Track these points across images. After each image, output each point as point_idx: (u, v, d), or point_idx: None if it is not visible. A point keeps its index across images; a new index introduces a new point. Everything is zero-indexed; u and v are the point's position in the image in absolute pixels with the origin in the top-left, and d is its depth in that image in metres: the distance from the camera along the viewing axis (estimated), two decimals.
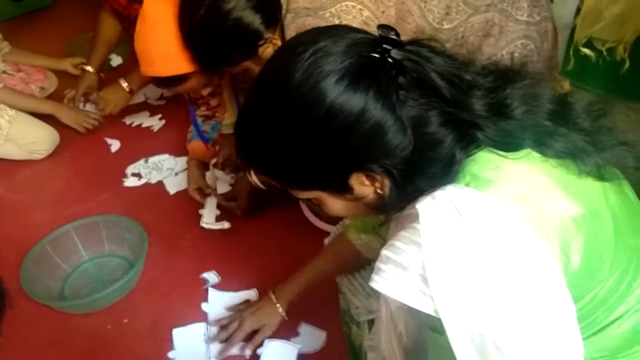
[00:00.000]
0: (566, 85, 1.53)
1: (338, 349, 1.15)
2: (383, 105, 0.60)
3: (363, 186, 0.66)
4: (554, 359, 0.57)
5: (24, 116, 1.78)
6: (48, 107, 1.85)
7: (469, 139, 0.64)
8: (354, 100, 0.60)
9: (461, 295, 0.57)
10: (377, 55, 0.61)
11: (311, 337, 1.20)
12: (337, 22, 1.08)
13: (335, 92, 0.60)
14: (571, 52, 1.54)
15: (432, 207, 0.60)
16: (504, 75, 0.69)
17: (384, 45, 0.61)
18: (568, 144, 0.65)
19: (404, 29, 1.12)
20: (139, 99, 2.10)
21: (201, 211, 1.48)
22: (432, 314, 0.58)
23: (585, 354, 0.66)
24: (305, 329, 1.21)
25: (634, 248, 0.66)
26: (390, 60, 0.61)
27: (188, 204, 1.55)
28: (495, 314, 0.56)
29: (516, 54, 1.12)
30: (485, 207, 0.58)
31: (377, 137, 0.61)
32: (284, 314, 1.13)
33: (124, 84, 1.82)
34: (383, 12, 1.12)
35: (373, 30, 0.66)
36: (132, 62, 1.80)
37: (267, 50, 1.15)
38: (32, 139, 1.77)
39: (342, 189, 0.67)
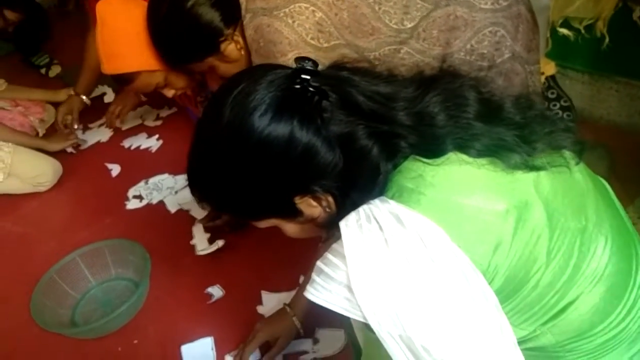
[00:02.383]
0: (552, 68, 1.53)
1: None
2: (308, 129, 0.65)
3: (311, 208, 0.71)
4: (483, 356, 0.60)
5: (24, 149, 1.83)
6: (37, 143, 1.91)
7: (393, 149, 0.67)
8: (281, 129, 0.65)
9: (384, 304, 0.61)
10: (297, 87, 0.65)
11: (331, 339, 1.21)
12: (290, 21, 1.13)
13: (262, 125, 0.65)
14: (548, 34, 1.54)
15: (353, 221, 0.64)
16: (427, 83, 0.71)
17: (302, 76, 0.66)
18: (491, 141, 0.67)
19: (361, 32, 1.14)
20: (135, 121, 2.16)
21: (192, 242, 1.51)
22: (362, 320, 0.63)
23: (552, 337, 0.69)
24: (322, 333, 1.22)
25: (576, 230, 0.68)
26: (310, 89, 0.65)
27: (189, 220, 1.58)
28: (418, 319, 0.60)
29: (485, 43, 1.11)
30: (404, 220, 0.61)
31: (309, 159, 0.66)
32: (299, 325, 1.14)
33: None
34: (336, 15, 1.14)
35: (327, 28, 0.69)
36: None
37: (229, 47, 1.22)
38: (35, 172, 1.81)
39: (293, 213, 0.71)
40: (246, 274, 1.40)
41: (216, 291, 1.36)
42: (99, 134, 2.11)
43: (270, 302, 1.31)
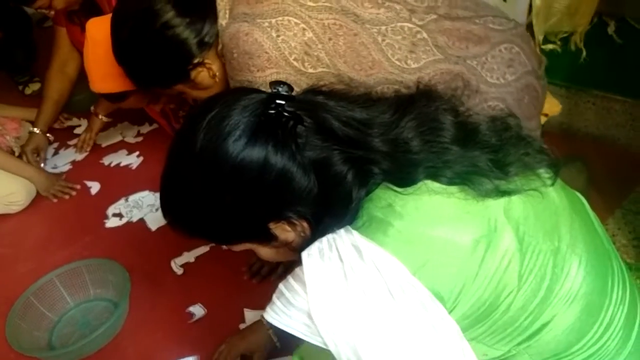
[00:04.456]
0: (557, 106, 1.53)
1: None
2: (283, 154, 0.64)
3: (286, 232, 0.70)
4: None
5: None
6: (27, 172, 1.81)
7: (366, 175, 0.67)
8: (255, 154, 0.64)
9: (342, 333, 0.62)
10: (272, 112, 0.65)
11: None
12: (274, 34, 1.00)
13: (236, 150, 0.64)
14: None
15: (316, 250, 0.65)
16: (402, 108, 0.72)
17: (277, 101, 0.65)
18: (464, 168, 0.68)
19: (359, 64, 1.01)
20: (115, 138, 2.13)
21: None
22: (320, 344, 0.64)
23: (528, 358, 0.71)
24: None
25: (548, 252, 0.68)
26: (285, 114, 0.65)
27: (170, 238, 1.55)
28: (376, 350, 0.61)
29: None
30: (364, 254, 0.62)
31: (284, 184, 0.65)
32: (275, 339, 1.13)
33: (92, 109, 1.94)
34: (330, 40, 1.01)
35: (316, 52, 0.66)
36: None
37: (200, 75, 1.10)
38: (6, 191, 1.75)
39: (268, 238, 0.71)
40: (228, 291, 1.38)
41: (197, 310, 1.34)
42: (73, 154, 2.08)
43: (253, 319, 1.29)
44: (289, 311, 0.66)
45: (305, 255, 0.65)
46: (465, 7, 1.06)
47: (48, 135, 1.98)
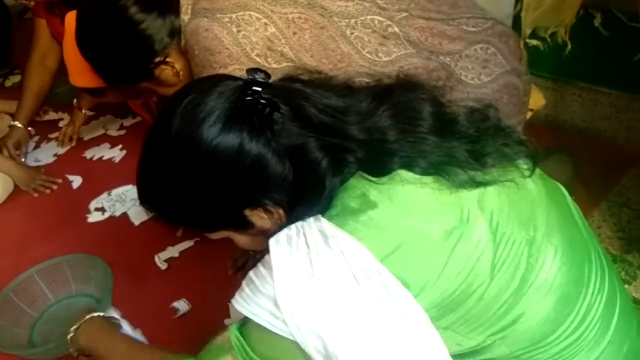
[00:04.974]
0: (541, 100, 1.53)
1: None
2: (258, 141, 0.64)
3: (263, 220, 0.70)
4: None
5: None
6: (5, 166, 1.77)
7: (341, 163, 0.67)
8: (230, 140, 0.64)
9: (308, 321, 0.61)
10: (249, 99, 0.65)
11: None
12: (235, 30, 0.99)
13: (211, 135, 0.64)
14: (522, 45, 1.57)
15: (284, 237, 0.65)
16: (381, 97, 0.71)
17: (254, 88, 0.65)
18: (440, 158, 0.67)
19: (327, 58, 1.00)
20: (98, 131, 2.10)
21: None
22: (287, 335, 0.63)
23: (505, 348, 0.70)
24: None
25: (523, 242, 0.68)
26: (262, 101, 0.65)
27: (154, 233, 1.53)
28: (342, 337, 0.60)
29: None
30: (331, 241, 0.62)
31: (259, 171, 0.65)
32: None
33: (74, 103, 1.91)
34: (295, 34, 1.00)
35: (279, 47, 0.65)
36: None
37: (164, 72, 1.09)
38: None
39: (245, 225, 0.71)
40: (213, 286, 1.36)
41: (182, 305, 1.32)
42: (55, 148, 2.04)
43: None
44: (257, 299, 0.65)
45: (273, 242, 0.65)
46: (439, 12, 1.05)
47: (30, 129, 1.94)
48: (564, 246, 0.71)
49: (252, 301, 0.66)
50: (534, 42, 1.63)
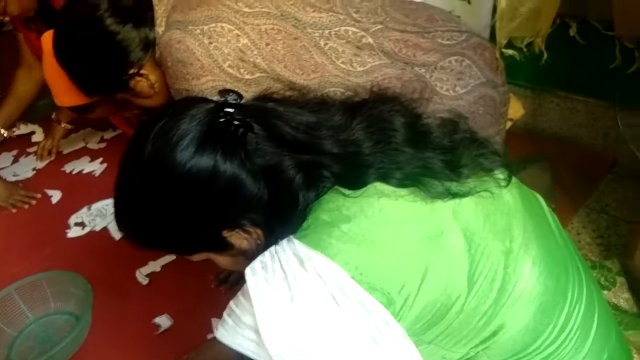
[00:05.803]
0: (520, 110, 1.55)
1: None
2: (232, 162, 0.64)
3: (242, 240, 0.70)
4: None
5: None
6: None
7: (316, 179, 0.67)
8: (204, 162, 0.64)
9: (291, 347, 0.61)
10: (221, 120, 0.65)
11: None
12: (207, 41, 0.98)
13: (185, 158, 0.64)
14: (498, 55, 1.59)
15: (259, 265, 0.64)
16: (354, 110, 0.72)
17: (226, 110, 0.66)
18: (416, 169, 0.68)
19: (301, 68, 1.01)
20: (78, 145, 2.07)
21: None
22: None
23: None
24: None
25: (500, 253, 0.68)
26: (235, 122, 0.65)
27: (134, 248, 1.51)
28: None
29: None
30: (306, 263, 0.62)
31: (235, 192, 0.65)
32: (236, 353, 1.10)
33: (53, 117, 1.88)
34: (268, 45, 1.00)
35: (252, 58, 0.66)
36: None
37: (139, 84, 1.09)
38: None
39: (224, 247, 0.71)
40: (195, 301, 1.35)
41: (164, 321, 1.30)
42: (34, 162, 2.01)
43: None
44: (240, 330, 0.65)
45: (248, 271, 0.65)
46: (415, 25, 1.05)
47: (3, 132, 1.91)
48: (541, 256, 0.71)
49: (235, 332, 0.66)
50: (510, 52, 1.65)
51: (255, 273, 0.64)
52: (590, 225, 1.58)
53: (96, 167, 1.94)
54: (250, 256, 0.70)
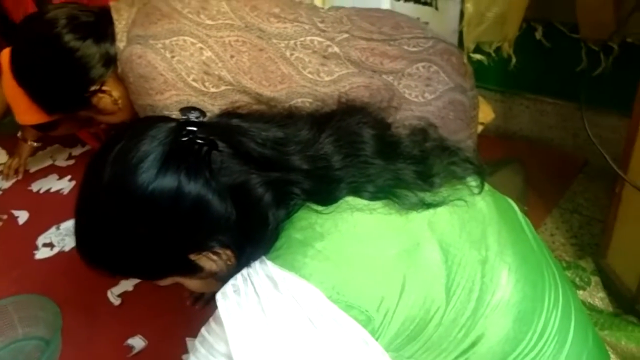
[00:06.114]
0: (490, 114, 1.56)
1: None
2: (197, 181, 0.62)
3: (211, 262, 0.67)
4: None
5: None
6: None
7: (285, 196, 0.65)
8: (166, 183, 0.61)
9: None
10: (184, 139, 0.63)
11: None
12: (169, 55, 0.97)
13: (146, 180, 0.61)
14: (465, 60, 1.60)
15: (230, 289, 0.62)
16: (321, 123, 0.70)
17: (189, 128, 0.63)
18: (387, 181, 0.66)
19: (267, 79, 0.99)
20: (45, 162, 2.02)
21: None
22: None
23: None
24: None
25: (476, 263, 0.68)
26: (198, 140, 0.63)
27: None
28: None
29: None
30: (280, 285, 0.60)
31: (200, 213, 0.63)
32: None
33: (19, 135, 1.84)
34: (232, 57, 0.98)
35: (217, 71, 0.63)
36: None
37: (102, 101, 1.07)
38: None
39: (193, 270, 0.68)
40: (169, 320, 1.31)
41: (137, 342, 1.27)
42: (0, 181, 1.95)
43: None
44: (212, 357, 0.62)
45: (219, 296, 0.62)
46: (380, 32, 1.05)
47: None
48: (517, 263, 0.71)
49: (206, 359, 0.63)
50: (478, 57, 1.67)
51: (227, 297, 0.62)
52: (563, 225, 1.59)
53: (64, 185, 1.89)
54: (221, 278, 0.68)
